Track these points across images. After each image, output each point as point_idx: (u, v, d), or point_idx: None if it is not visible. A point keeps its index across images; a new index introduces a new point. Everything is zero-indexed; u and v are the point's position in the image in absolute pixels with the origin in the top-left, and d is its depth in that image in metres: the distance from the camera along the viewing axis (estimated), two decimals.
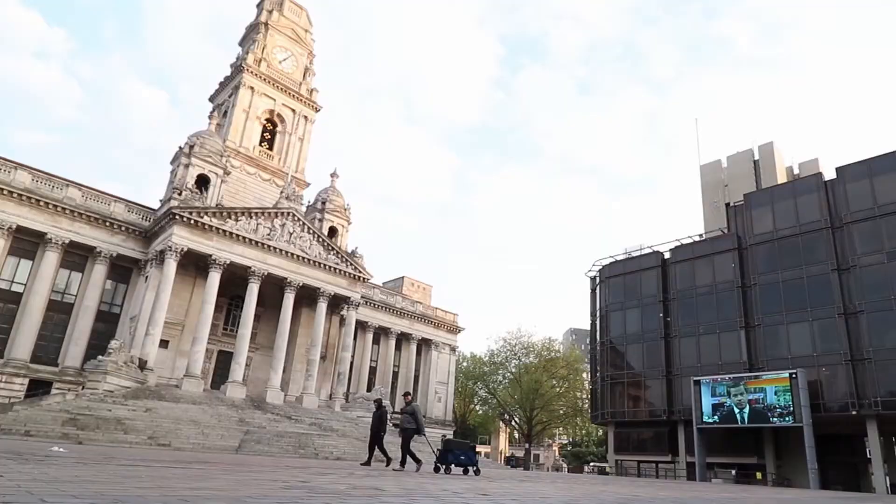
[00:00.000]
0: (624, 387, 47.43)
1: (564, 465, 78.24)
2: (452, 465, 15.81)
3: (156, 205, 41.47)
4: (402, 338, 58.66)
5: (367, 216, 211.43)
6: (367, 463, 15.61)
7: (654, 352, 45.62)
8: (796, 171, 53.06)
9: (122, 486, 5.30)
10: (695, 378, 39.45)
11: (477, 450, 16.89)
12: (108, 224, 38.47)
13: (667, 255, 47.90)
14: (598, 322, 51.79)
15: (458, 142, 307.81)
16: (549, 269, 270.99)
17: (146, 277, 37.92)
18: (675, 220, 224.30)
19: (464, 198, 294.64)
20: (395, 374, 57.97)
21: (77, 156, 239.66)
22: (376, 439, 15.29)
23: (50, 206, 36.15)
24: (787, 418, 34.41)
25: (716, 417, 37.67)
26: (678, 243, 47.34)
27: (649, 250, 48.98)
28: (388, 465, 14.87)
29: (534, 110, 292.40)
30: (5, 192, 34.58)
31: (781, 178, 50.52)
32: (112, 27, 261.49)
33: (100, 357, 31.74)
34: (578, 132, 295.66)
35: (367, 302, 52.48)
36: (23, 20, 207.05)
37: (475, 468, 15.93)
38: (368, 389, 50.98)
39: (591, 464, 67.61)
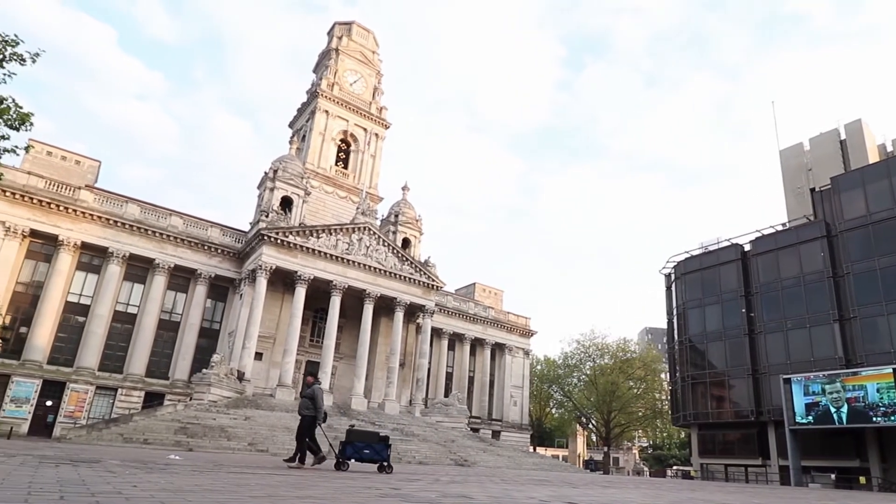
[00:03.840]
0: (706, 387, 45.09)
1: (645, 468, 75.19)
2: (352, 461, 13.22)
3: (245, 227, 44.06)
4: (476, 343, 58.77)
5: (437, 225, 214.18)
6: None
7: (738, 349, 43.10)
8: (889, 149, 48.48)
9: (236, 494, 5.71)
10: (784, 376, 36.89)
11: (389, 442, 13.80)
12: (206, 248, 41.31)
13: (747, 248, 45.17)
14: (675, 320, 49.62)
15: (522, 146, 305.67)
16: (621, 268, 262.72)
17: (240, 295, 40.34)
18: (753, 210, 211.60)
19: (530, 201, 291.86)
20: (471, 379, 58.12)
21: (175, 185, 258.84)
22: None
23: (157, 235, 39.34)
24: (892, 417, 31.45)
25: (810, 418, 35.00)
26: (759, 234, 44.52)
27: (727, 243, 46.38)
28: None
29: (598, 108, 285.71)
30: (119, 224, 38.01)
31: (873, 158, 46.15)
32: (201, 66, 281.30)
33: (204, 370, 34.07)
34: (645, 127, 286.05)
35: (441, 309, 53.08)
36: (125, 66, 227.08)
37: (386, 464, 13.21)
38: (446, 395, 51.40)
39: (674, 467, 64.53)
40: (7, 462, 8.02)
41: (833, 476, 35.06)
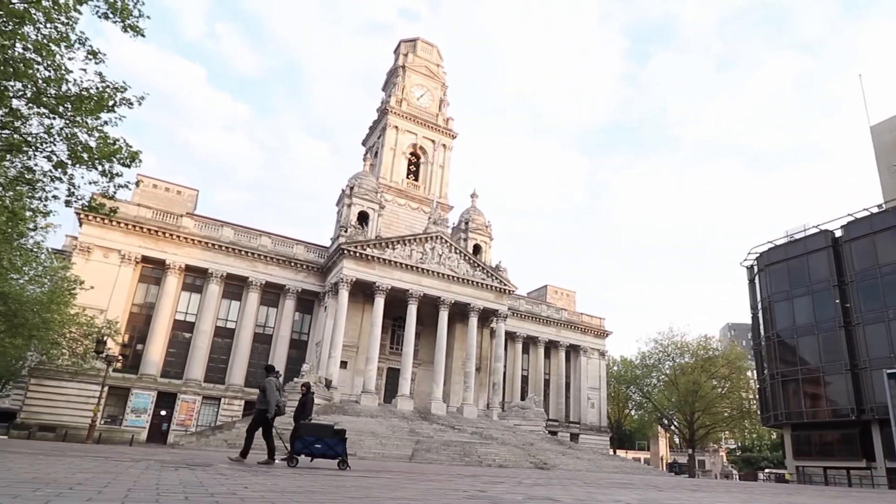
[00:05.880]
0: (798, 384, 41.82)
1: (734, 471, 70.41)
2: (301, 456, 12.27)
3: (327, 243, 45.94)
4: (551, 345, 57.79)
5: (506, 230, 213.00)
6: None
7: (833, 343, 39.68)
8: None
9: (336, 495, 5.98)
10: (889, 370, 33.39)
11: (346, 437, 12.58)
12: (292, 264, 43.45)
13: (838, 234, 41.57)
14: (760, 315, 46.44)
15: (588, 145, 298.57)
16: (698, 263, 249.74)
17: (325, 307, 42.01)
18: (843, 193, 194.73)
19: (599, 200, 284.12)
20: (547, 382, 57.17)
21: (261, 207, 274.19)
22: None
23: (249, 254, 41.84)
24: None
25: None
26: (852, 218, 40.79)
27: (815, 230, 42.86)
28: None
29: (667, 98, 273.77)
30: (216, 246, 40.77)
31: None
32: (281, 94, 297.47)
33: (295, 379, 35.68)
34: (719, 113, 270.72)
35: (513, 313, 52.69)
36: (215, 100, 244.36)
37: (340, 460, 12.10)
38: (522, 398, 50.85)
39: (766, 470, 60.01)
40: (134, 466, 8.81)
41: None
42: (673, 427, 69.14)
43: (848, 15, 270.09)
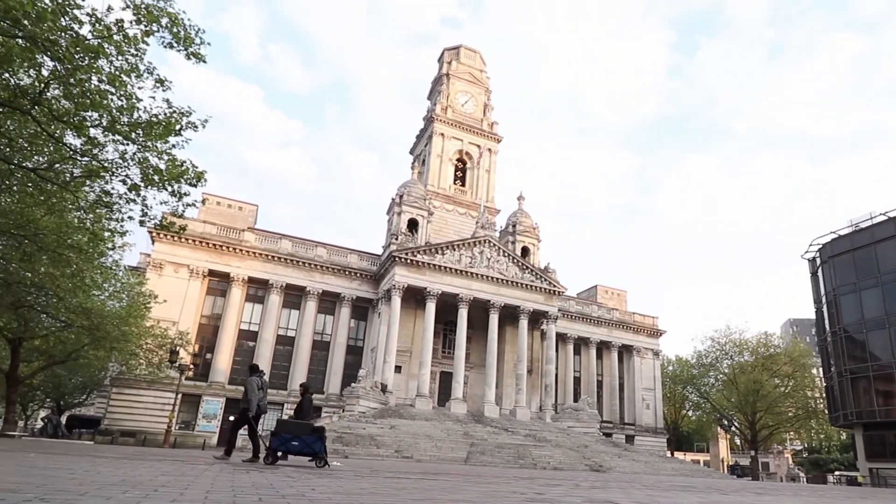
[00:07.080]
0: (869, 381, 39.11)
1: (801, 474, 66.22)
2: (279, 454, 12.07)
3: (378, 251, 46.68)
4: (603, 346, 56.40)
5: (554, 231, 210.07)
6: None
7: None
8: None
9: (398, 497, 6.02)
10: None
11: (325, 435, 12.36)
12: (347, 273, 44.40)
13: None
14: (825, 309, 43.80)
15: (636, 142, 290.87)
16: (755, 257, 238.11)
17: (378, 314, 42.66)
18: None
19: (649, 197, 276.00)
20: (599, 383, 55.77)
21: (315, 219, 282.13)
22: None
23: (306, 265, 43.08)
24: None
25: None
26: None
27: (883, 217, 40.07)
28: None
29: (717, 90, 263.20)
30: (275, 258, 42.19)
31: None
32: (332, 110, 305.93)
33: (352, 384, 36.40)
34: (773, 101, 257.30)
35: (564, 314, 51.80)
36: (270, 119, 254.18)
37: (318, 459, 11.81)
38: (574, 400, 49.85)
39: (836, 473, 56.14)
40: (209, 469, 9.18)
41: None
42: (733, 428, 65.90)
43: None
